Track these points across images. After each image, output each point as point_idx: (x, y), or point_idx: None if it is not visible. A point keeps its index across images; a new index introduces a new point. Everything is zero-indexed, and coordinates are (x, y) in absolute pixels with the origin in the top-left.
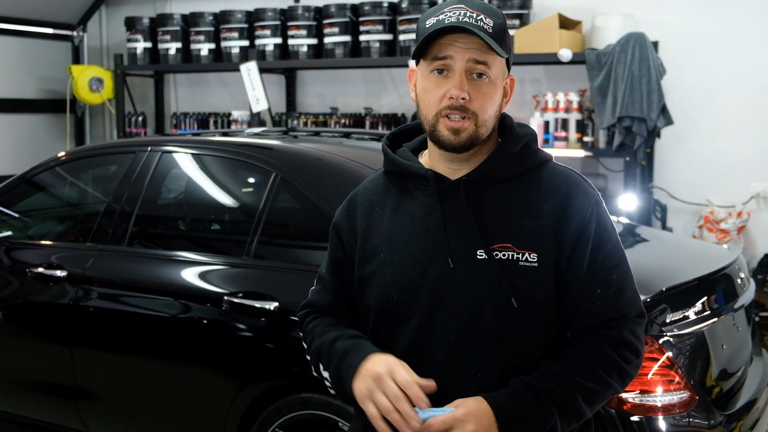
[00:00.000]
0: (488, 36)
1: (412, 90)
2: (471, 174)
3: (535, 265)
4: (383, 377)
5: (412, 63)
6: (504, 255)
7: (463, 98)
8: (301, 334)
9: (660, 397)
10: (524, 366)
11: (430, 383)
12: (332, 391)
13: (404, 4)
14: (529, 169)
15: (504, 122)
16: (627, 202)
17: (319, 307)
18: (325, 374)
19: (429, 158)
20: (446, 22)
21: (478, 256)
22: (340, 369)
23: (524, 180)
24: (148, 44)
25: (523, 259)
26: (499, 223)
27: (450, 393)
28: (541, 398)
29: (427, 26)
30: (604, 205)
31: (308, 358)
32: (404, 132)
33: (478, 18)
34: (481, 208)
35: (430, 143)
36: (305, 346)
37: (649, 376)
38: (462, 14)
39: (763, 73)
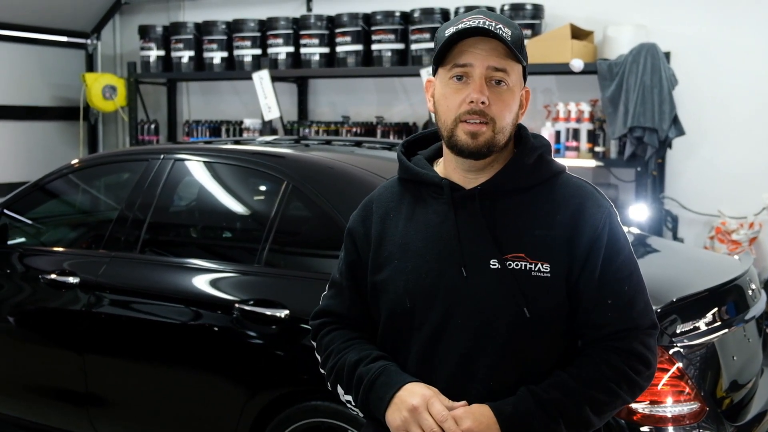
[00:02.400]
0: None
1: (429, 100)
2: (486, 184)
3: (548, 275)
4: (420, 411)
5: (428, 74)
6: (517, 265)
7: (482, 102)
8: (314, 343)
9: (670, 407)
10: (535, 375)
11: (463, 403)
12: (349, 406)
13: (416, 14)
14: (542, 180)
15: (519, 133)
16: (638, 213)
17: (334, 313)
18: (347, 397)
19: (444, 167)
20: (466, 28)
21: (492, 266)
22: (369, 399)
23: (538, 191)
24: (161, 52)
25: (536, 269)
26: (513, 233)
27: (460, 401)
28: (546, 408)
29: (446, 35)
30: (617, 216)
31: (322, 371)
32: (419, 139)
33: (497, 26)
34: (494, 217)
35: (446, 151)
36: (319, 358)
37: (659, 386)
38: (481, 21)
39: None
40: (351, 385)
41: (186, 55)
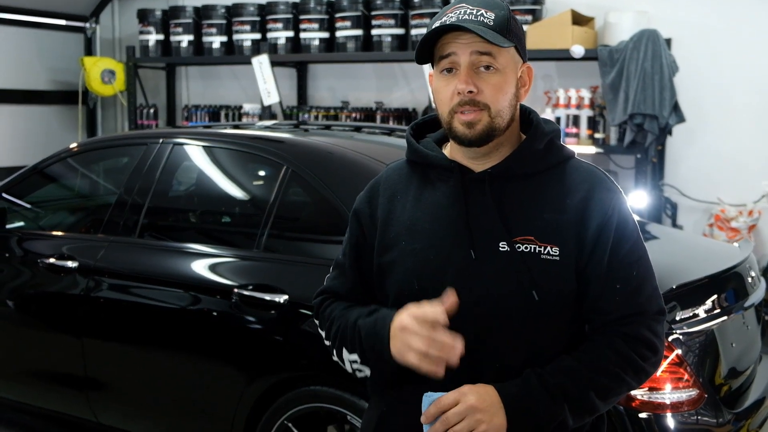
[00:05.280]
0: (487, 29)
1: (432, 92)
2: (496, 167)
3: (557, 258)
4: (406, 326)
5: (431, 67)
6: (526, 248)
7: (470, 92)
8: (316, 321)
9: (669, 394)
10: (542, 359)
11: (448, 296)
12: (358, 375)
13: None
14: (552, 165)
15: (530, 117)
16: (637, 200)
17: (336, 293)
18: (353, 356)
19: (451, 150)
20: (447, 23)
21: (501, 248)
22: (373, 346)
23: (548, 175)
24: (161, 36)
25: (545, 252)
26: (522, 216)
27: (468, 383)
28: (551, 391)
29: (432, 28)
30: (626, 203)
31: (327, 344)
32: (428, 122)
33: (479, 13)
34: (504, 201)
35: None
36: (322, 332)
37: (658, 373)
38: (462, 12)
39: None
40: (355, 342)
41: (185, 40)
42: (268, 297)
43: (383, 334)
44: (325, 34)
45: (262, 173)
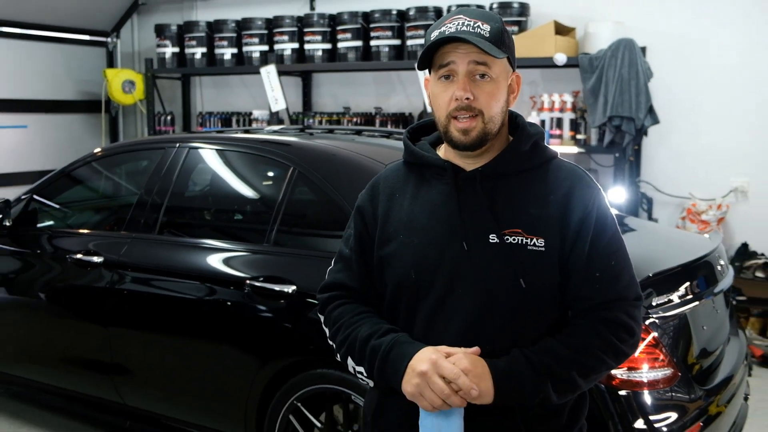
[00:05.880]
0: (484, 40)
1: (427, 97)
2: (486, 166)
3: (543, 249)
4: (429, 375)
5: (425, 73)
6: (514, 239)
7: (467, 98)
8: (321, 317)
9: (646, 373)
10: (529, 341)
11: (476, 349)
12: (361, 382)
13: (412, 12)
14: (537, 165)
15: (516, 121)
16: (616, 195)
17: (343, 286)
18: (359, 368)
19: (445, 151)
20: (446, 33)
21: (491, 240)
22: (385, 371)
23: (533, 174)
24: (176, 49)
25: (531, 243)
26: (510, 211)
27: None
28: (536, 369)
29: (432, 38)
30: (605, 199)
31: (332, 343)
32: (423, 126)
33: (476, 25)
34: (493, 197)
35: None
36: (327, 331)
37: (636, 354)
38: (460, 24)
39: (743, 76)
40: (364, 358)
41: (199, 52)
42: (277, 288)
43: (399, 368)
44: (328, 46)
45: (270, 174)
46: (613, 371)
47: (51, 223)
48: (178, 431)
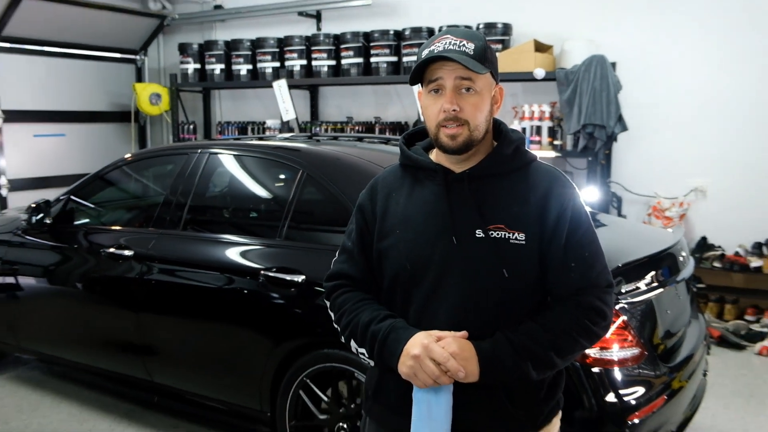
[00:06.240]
0: (469, 58)
1: (421, 107)
2: (473, 169)
3: (523, 243)
4: (421, 358)
5: (419, 87)
6: (498, 234)
7: (454, 110)
8: (327, 302)
9: (616, 352)
10: (512, 324)
11: (464, 333)
12: (363, 357)
13: (407, 32)
14: (518, 167)
15: (500, 128)
16: (589, 194)
17: (347, 275)
18: (361, 350)
19: (437, 156)
20: (435, 51)
21: (477, 235)
22: (383, 353)
23: (515, 175)
24: (198, 65)
25: (513, 237)
26: (494, 208)
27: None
28: (517, 349)
29: (422, 57)
30: (580, 197)
31: (337, 327)
32: (418, 133)
33: (461, 44)
34: (480, 196)
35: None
36: (333, 315)
37: (608, 335)
38: (448, 43)
39: (703, 89)
40: (365, 341)
41: (218, 68)
42: (288, 277)
43: (395, 351)
44: (333, 62)
45: (282, 176)
46: (587, 351)
47: (86, 220)
48: (200, 405)
